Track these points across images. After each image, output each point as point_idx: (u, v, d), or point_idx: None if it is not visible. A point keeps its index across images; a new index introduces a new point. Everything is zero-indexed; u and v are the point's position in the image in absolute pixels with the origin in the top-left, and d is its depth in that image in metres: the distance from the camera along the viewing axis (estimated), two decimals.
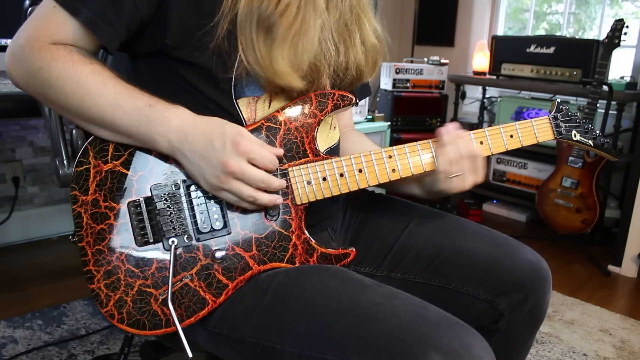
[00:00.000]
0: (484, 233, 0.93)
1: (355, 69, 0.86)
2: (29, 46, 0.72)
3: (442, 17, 3.58)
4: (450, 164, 0.83)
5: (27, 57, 0.72)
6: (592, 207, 2.49)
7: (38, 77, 0.73)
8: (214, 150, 0.71)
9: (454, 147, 0.83)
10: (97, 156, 0.76)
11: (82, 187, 0.75)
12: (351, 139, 1.01)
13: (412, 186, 0.92)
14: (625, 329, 1.94)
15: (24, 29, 0.75)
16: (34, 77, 0.73)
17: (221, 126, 0.73)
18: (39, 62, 0.72)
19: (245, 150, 0.71)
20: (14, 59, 0.74)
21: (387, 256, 0.94)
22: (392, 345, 0.63)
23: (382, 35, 0.90)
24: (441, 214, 0.97)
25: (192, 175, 0.75)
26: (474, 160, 0.84)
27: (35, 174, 2.42)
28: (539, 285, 0.88)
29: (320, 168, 0.81)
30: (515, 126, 0.89)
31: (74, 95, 0.72)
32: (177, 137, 0.72)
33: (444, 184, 0.84)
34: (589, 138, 0.94)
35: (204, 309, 0.76)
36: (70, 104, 0.73)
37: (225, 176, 0.72)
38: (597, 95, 2.37)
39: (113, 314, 0.75)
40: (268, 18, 0.74)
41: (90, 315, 1.84)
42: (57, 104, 0.74)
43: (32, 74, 0.73)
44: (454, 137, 0.83)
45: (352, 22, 0.85)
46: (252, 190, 0.74)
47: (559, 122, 0.91)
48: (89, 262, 0.75)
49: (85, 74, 0.72)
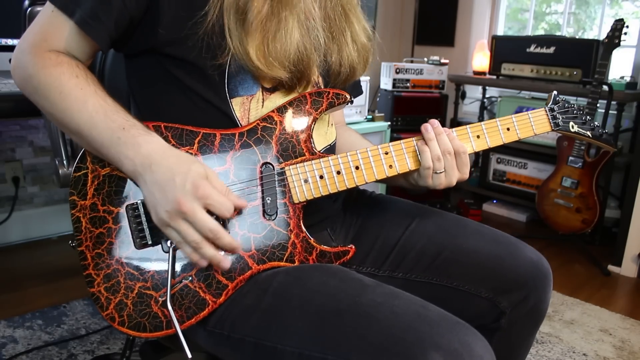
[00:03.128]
0: (485, 232, 0.93)
1: (348, 66, 0.88)
2: (27, 52, 0.76)
3: (442, 17, 3.58)
4: (434, 160, 0.83)
5: (24, 62, 0.76)
6: (592, 207, 2.49)
7: (29, 83, 0.76)
8: (173, 186, 0.69)
9: (436, 143, 0.83)
10: (95, 161, 0.76)
11: (80, 192, 0.76)
12: (345, 137, 1.01)
13: (400, 180, 0.92)
14: (625, 329, 1.94)
15: (25, 34, 0.78)
16: (27, 82, 0.77)
17: (188, 164, 0.71)
18: (31, 69, 0.75)
19: (203, 194, 0.69)
20: (15, 63, 0.77)
21: (389, 256, 0.94)
22: (393, 345, 0.63)
23: (371, 35, 0.92)
24: (442, 213, 0.97)
25: (146, 202, 0.74)
26: (459, 156, 0.84)
27: (35, 174, 2.42)
28: (540, 283, 0.88)
29: (317, 166, 0.81)
30: (511, 119, 0.88)
31: (57, 107, 0.75)
32: (142, 163, 0.71)
33: (429, 180, 0.84)
34: (587, 129, 0.93)
35: (204, 309, 0.76)
36: (54, 113, 0.76)
37: (176, 214, 0.69)
38: (597, 95, 2.37)
39: (114, 317, 0.75)
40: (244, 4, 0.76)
41: (90, 315, 1.84)
42: (45, 110, 0.77)
43: (26, 80, 0.76)
44: (437, 133, 0.83)
45: (342, 21, 0.87)
46: (198, 236, 0.70)
47: (555, 114, 0.91)
48: (88, 266, 0.75)
49: (69, 88, 0.74)
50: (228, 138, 0.79)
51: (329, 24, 0.85)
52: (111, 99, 0.75)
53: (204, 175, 0.71)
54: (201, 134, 0.78)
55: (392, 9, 3.74)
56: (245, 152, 0.79)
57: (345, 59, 0.87)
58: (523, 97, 3.05)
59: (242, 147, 0.79)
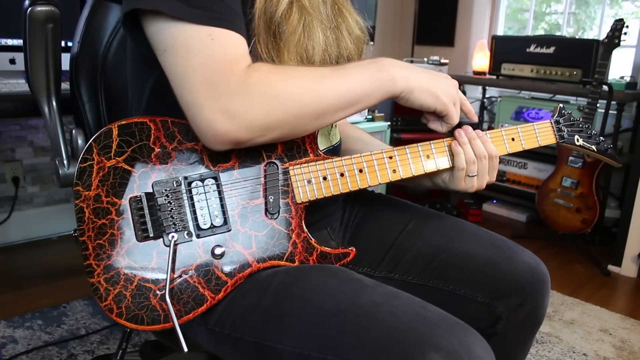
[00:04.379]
0: (482, 235, 0.92)
1: (346, 58, 0.88)
2: (226, 95, 0.66)
3: (442, 17, 3.58)
4: (468, 163, 0.84)
5: (236, 102, 0.66)
6: (592, 207, 2.49)
7: (279, 98, 0.69)
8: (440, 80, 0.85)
9: (469, 147, 0.84)
10: (101, 153, 0.76)
11: (85, 182, 0.76)
12: (357, 138, 1.02)
13: (427, 182, 0.93)
14: (625, 329, 1.94)
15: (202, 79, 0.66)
16: (273, 99, 0.68)
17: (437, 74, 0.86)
18: (270, 88, 0.68)
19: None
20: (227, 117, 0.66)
21: (386, 257, 0.94)
22: (392, 345, 0.63)
23: (364, 27, 0.92)
24: (440, 215, 0.97)
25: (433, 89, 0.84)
26: (491, 160, 0.85)
27: (35, 174, 2.42)
28: (537, 288, 0.87)
29: (320, 167, 0.81)
30: (517, 129, 0.88)
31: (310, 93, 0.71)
32: (406, 87, 0.80)
33: (461, 183, 0.85)
34: (592, 143, 0.93)
35: (202, 305, 0.76)
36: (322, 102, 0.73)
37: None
38: (597, 95, 2.37)
39: (112, 308, 0.75)
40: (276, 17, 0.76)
41: (90, 315, 1.84)
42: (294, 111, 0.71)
43: (270, 100, 0.68)
44: (471, 138, 0.85)
45: (337, 16, 0.87)
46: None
47: (561, 127, 0.91)
48: (89, 256, 0.75)
49: (300, 73, 0.73)
50: None
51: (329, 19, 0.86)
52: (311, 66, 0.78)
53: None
54: None
55: (392, 9, 3.74)
56: (250, 150, 0.79)
57: (344, 52, 0.87)
58: (523, 97, 3.05)
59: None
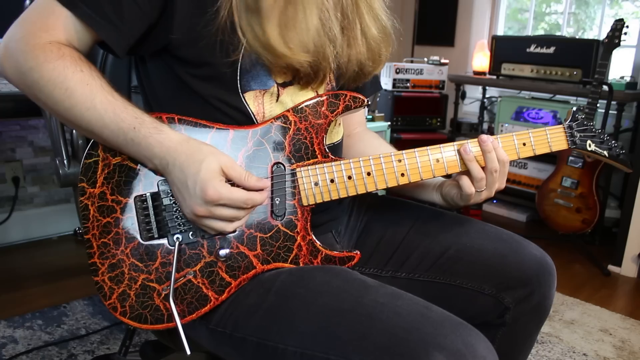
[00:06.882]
0: (488, 230, 0.93)
1: (356, 63, 0.85)
2: (24, 42, 0.70)
3: (442, 17, 3.58)
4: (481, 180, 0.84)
5: (20, 53, 0.70)
6: (592, 207, 2.49)
7: (29, 76, 0.70)
8: (187, 190, 0.71)
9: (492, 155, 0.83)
10: (106, 149, 0.76)
11: (90, 179, 0.75)
12: (367, 141, 1.01)
13: (434, 195, 0.92)
14: (625, 329, 1.94)
15: (20, 22, 0.72)
16: (25, 75, 0.71)
17: (199, 162, 0.71)
18: (32, 61, 0.69)
19: (212, 198, 0.70)
20: (8, 53, 0.71)
21: (392, 256, 0.94)
22: (396, 345, 0.63)
23: (387, 25, 0.89)
24: (445, 213, 0.97)
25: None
26: (503, 165, 0.84)
27: (35, 174, 2.42)
28: (544, 279, 0.88)
29: (328, 169, 0.81)
30: (528, 134, 0.86)
31: (62, 103, 0.71)
32: (160, 164, 0.73)
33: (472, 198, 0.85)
34: (604, 148, 0.91)
35: (205, 305, 0.76)
36: (59, 110, 0.72)
37: (197, 217, 0.73)
38: (597, 95, 2.37)
39: (116, 307, 0.75)
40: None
41: (90, 315, 1.84)
42: (47, 106, 0.73)
43: (24, 72, 0.71)
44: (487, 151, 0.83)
45: (353, 12, 0.84)
46: (223, 223, 0.74)
47: (573, 132, 0.89)
48: (94, 255, 0.75)
49: (74, 83, 0.70)
50: (241, 135, 0.78)
51: (341, 13, 0.82)
52: (117, 94, 0.73)
53: (215, 171, 0.71)
54: (214, 129, 0.78)
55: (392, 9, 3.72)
56: (257, 150, 0.79)
57: (354, 56, 0.84)
58: (523, 97, 3.05)
59: (255, 145, 0.79)
